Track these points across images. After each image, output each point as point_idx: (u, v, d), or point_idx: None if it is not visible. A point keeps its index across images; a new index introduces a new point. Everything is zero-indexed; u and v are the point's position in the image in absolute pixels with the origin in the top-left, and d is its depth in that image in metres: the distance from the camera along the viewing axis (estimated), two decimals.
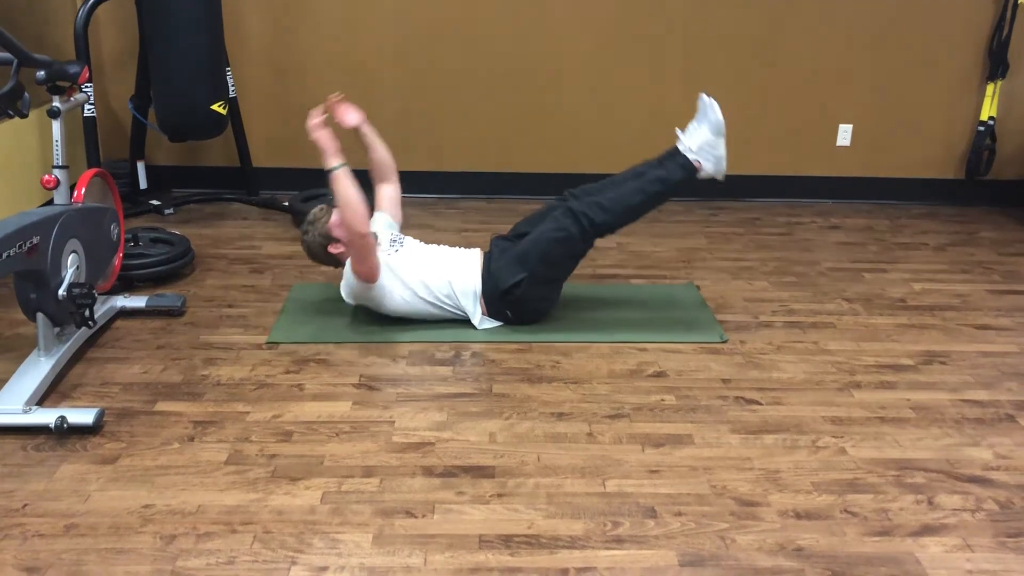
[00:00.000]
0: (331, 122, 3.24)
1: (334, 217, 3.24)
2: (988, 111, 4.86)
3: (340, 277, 3.32)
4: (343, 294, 3.28)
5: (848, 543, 2.17)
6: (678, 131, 3.25)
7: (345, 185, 3.04)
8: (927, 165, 5.04)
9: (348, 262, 3.19)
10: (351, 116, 3.39)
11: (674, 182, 3.21)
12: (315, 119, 3.16)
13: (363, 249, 3.08)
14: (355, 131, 3.43)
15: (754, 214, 4.84)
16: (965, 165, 5.00)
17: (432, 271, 3.24)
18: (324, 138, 3.12)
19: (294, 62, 4.78)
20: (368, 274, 3.13)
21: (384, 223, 3.45)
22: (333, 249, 3.26)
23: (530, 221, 3.39)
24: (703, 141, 3.17)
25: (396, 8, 4.69)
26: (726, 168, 3.22)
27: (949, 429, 2.70)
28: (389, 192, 3.55)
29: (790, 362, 3.11)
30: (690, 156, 3.19)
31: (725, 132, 3.17)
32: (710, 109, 3.17)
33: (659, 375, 2.99)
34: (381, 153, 3.50)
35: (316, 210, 3.34)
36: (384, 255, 3.23)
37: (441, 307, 3.26)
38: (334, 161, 3.08)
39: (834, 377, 3.01)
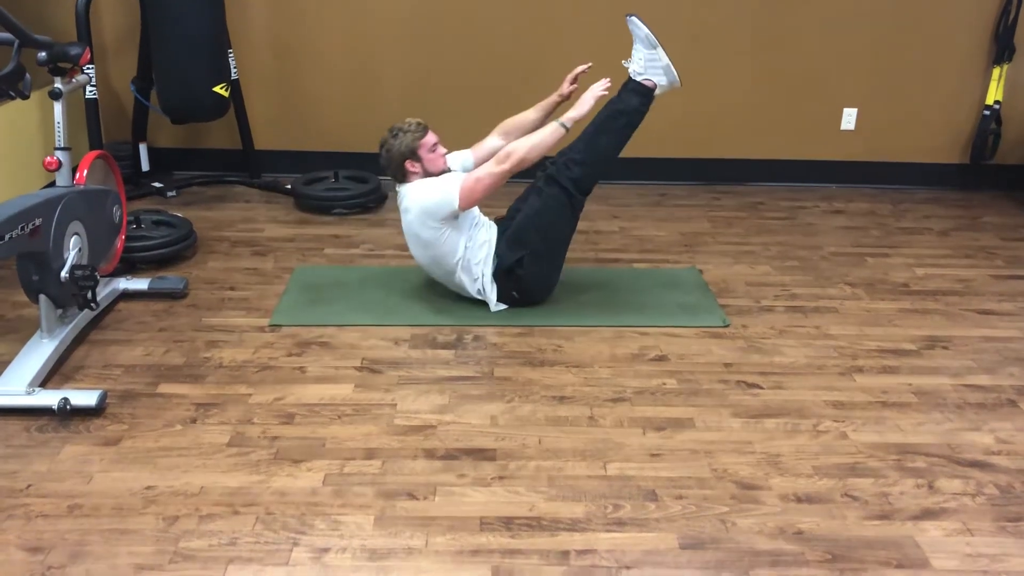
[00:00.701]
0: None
1: (428, 137, 3.23)
2: (994, 95, 4.83)
3: (342, 260, 3.30)
4: (404, 218, 3.23)
5: (848, 527, 2.18)
6: (623, 62, 3.33)
7: (555, 141, 3.15)
8: (932, 150, 5.02)
9: (426, 182, 3.19)
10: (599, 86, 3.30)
11: (633, 108, 3.28)
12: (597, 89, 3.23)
13: (502, 179, 3.12)
14: (561, 97, 3.48)
15: (757, 198, 4.82)
16: (970, 149, 4.97)
17: (481, 245, 3.24)
18: (590, 104, 3.22)
19: (296, 45, 4.76)
20: (479, 194, 3.12)
21: (460, 161, 3.42)
22: (410, 166, 3.24)
23: (521, 199, 3.39)
24: (643, 59, 3.24)
25: None
26: (678, 75, 3.28)
27: (950, 414, 2.70)
28: (495, 145, 3.42)
29: (792, 346, 3.11)
30: (638, 78, 3.26)
31: (657, 41, 3.23)
32: (635, 27, 3.25)
33: (661, 359, 3.00)
34: (537, 127, 3.42)
35: (412, 121, 3.28)
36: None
37: (473, 282, 3.25)
38: (570, 122, 3.17)
39: (836, 362, 3.01)
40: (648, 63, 3.23)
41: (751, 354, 3.05)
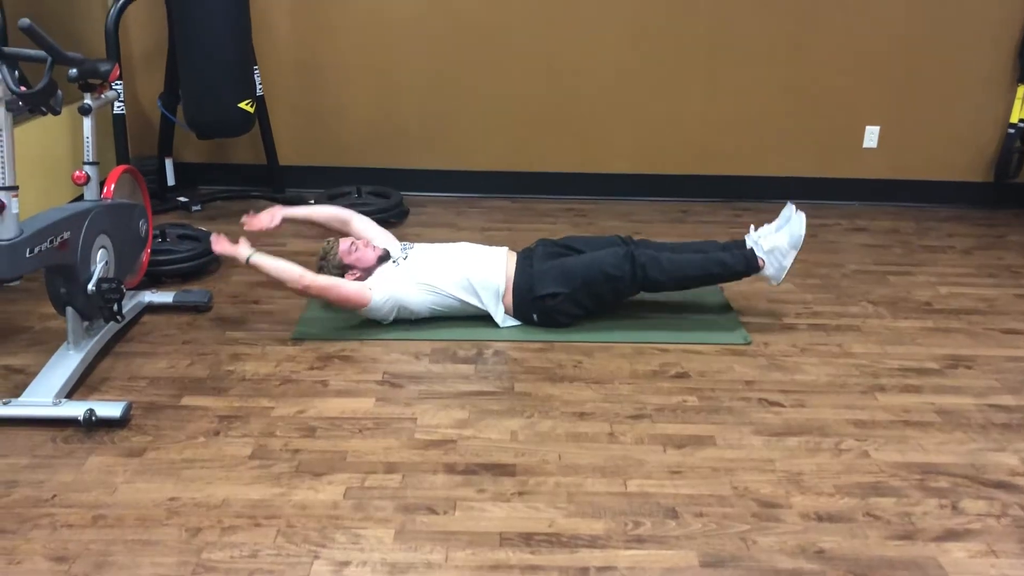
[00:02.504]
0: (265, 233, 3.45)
1: (342, 246, 3.32)
2: (1018, 113, 4.80)
3: None
4: (373, 316, 3.29)
5: (870, 546, 2.16)
6: (752, 227, 3.35)
7: (267, 267, 3.14)
8: (955, 168, 4.99)
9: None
10: (264, 219, 3.40)
11: (734, 270, 3.29)
12: (217, 245, 3.24)
13: (325, 295, 3.16)
14: (284, 224, 3.47)
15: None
16: (994, 168, 4.95)
17: (447, 269, 3.27)
18: (225, 247, 3.22)
19: (321, 61, 4.81)
20: (356, 301, 3.18)
21: (385, 240, 3.50)
22: (350, 277, 3.32)
23: (585, 241, 3.44)
24: (776, 246, 3.25)
25: (422, 8, 4.71)
26: (782, 279, 3.32)
27: (974, 434, 2.68)
28: (359, 229, 3.52)
29: (814, 364, 3.09)
30: (758, 252, 3.26)
31: (800, 247, 3.25)
32: (797, 222, 3.24)
33: (682, 376, 2.99)
34: (319, 214, 3.55)
35: (324, 245, 3.40)
36: (393, 266, 3.29)
37: (461, 304, 3.27)
38: (244, 254, 3.16)
39: (858, 380, 2.99)
40: (777, 252, 3.24)
41: (772, 372, 3.03)
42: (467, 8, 4.71)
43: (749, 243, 3.31)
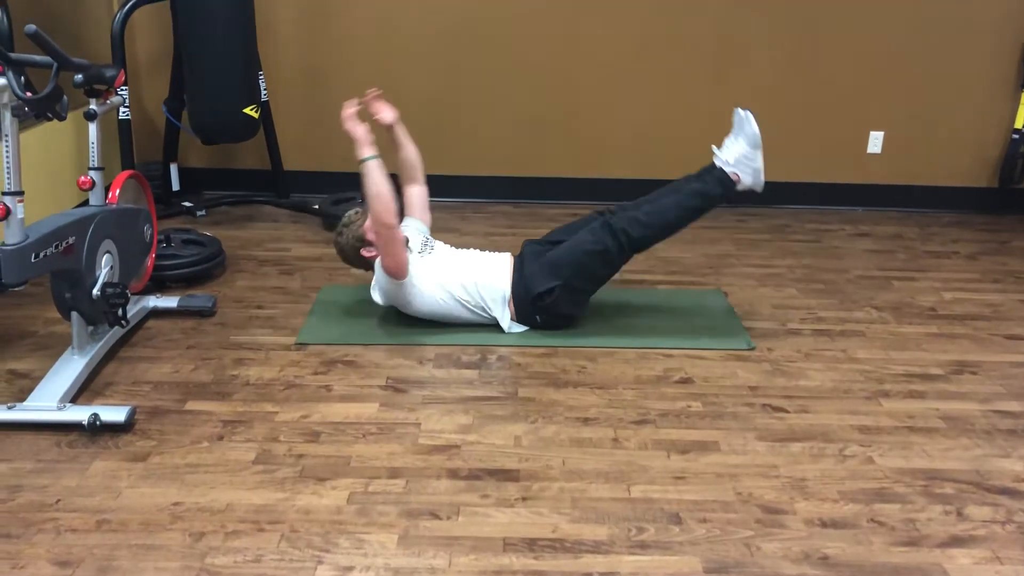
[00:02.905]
0: (365, 116, 3.25)
1: (368, 221, 3.27)
2: (1023, 118, 4.80)
3: (369, 280, 3.35)
4: (373, 295, 3.30)
5: (875, 552, 2.16)
6: (713, 147, 3.26)
7: (376, 176, 3.08)
8: (959, 173, 4.99)
9: (378, 261, 3.22)
10: (386, 113, 3.44)
11: (712, 195, 3.23)
12: (349, 110, 3.19)
13: (391, 242, 3.10)
14: (387, 129, 3.45)
15: (783, 221, 4.81)
16: (998, 173, 4.94)
17: (461, 274, 3.26)
18: (358, 128, 3.15)
19: (326, 67, 4.82)
20: (396, 269, 3.15)
21: (414, 227, 3.47)
22: (366, 252, 3.29)
23: (565, 230, 3.40)
24: (740, 154, 3.18)
25: (426, 13, 4.72)
26: (764, 180, 3.23)
27: (979, 440, 2.67)
28: (417, 194, 3.57)
29: (818, 370, 3.09)
30: (727, 169, 3.20)
31: (762, 144, 3.17)
32: (746, 122, 3.17)
33: (685, 381, 2.99)
34: (411, 153, 3.53)
35: (351, 212, 3.38)
36: (415, 258, 3.25)
37: (470, 310, 3.27)
38: (367, 152, 3.11)
39: (862, 386, 2.99)
40: (743, 159, 3.19)
41: (776, 377, 3.03)
42: (471, 14, 4.72)
43: (718, 164, 3.23)
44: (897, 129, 4.89)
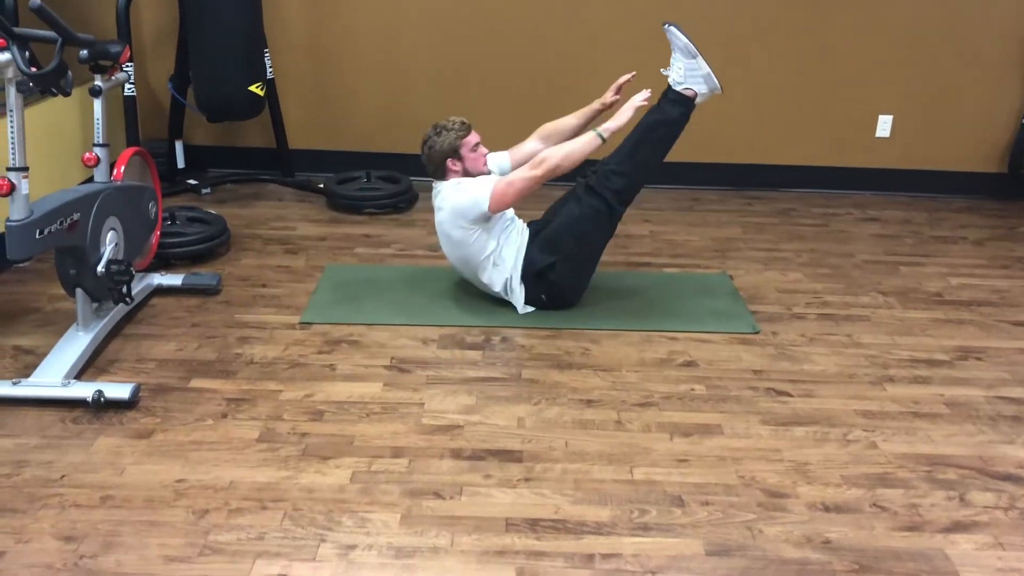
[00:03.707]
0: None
1: (471, 136, 3.25)
2: None
3: (372, 259, 3.33)
4: (438, 216, 3.24)
5: (877, 537, 2.16)
6: (662, 70, 3.30)
7: (590, 151, 3.16)
8: (968, 158, 4.96)
9: (466, 182, 3.19)
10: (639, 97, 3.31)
11: (673, 119, 3.25)
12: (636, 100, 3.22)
13: (534, 185, 3.14)
14: (603, 107, 3.44)
15: (790, 204, 4.79)
16: (1008, 159, 4.91)
17: (511, 246, 3.26)
18: (628, 115, 3.21)
19: (332, 45, 4.79)
20: (509, 199, 3.12)
21: (497, 163, 3.42)
22: (452, 164, 3.26)
23: (553, 208, 3.40)
24: (683, 68, 3.21)
25: None
26: (719, 83, 3.25)
27: (983, 426, 2.67)
28: (533, 149, 3.44)
29: (822, 354, 3.08)
30: (679, 88, 3.23)
31: (697, 50, 3.19)
32: (674, 36, 3.21)
33: (689, 364, 2.98)
34: (576, 134, 3.42)
35: (456, 120, 3.30)
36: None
37: (502, 282, 3.26)
38: (607, 132, 3.17)
39: (867, 371, 2.98)
40: (688, 72, 3.21)
41: (781, 361, 3.03)
42: None
43: (671, 86, 3.26)
44: (906, 113, 4.85)
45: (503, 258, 3.24)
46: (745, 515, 2.23)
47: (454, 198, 3.18)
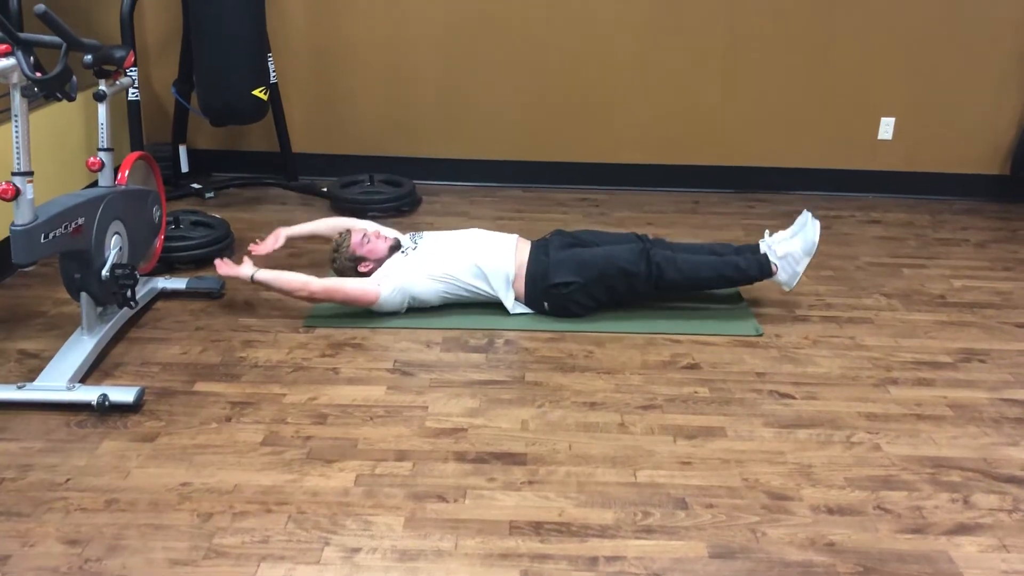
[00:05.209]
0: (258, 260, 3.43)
1: (354, 238, 3.35)
2: None
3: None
4: (385, 309, 3.29)
5: (881, 539, 2.16)
6: (767, 232, 3.38)
7: (276, 283, 3.19)
8: (970, 161, 4.96)
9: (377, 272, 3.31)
10: (271, 243, 3.47)
11: (747, 274, 3.30)
12: (222, 269, 3.25)
13: (335, 298, 3.19)
14: (285, 245, 3.55)
15: (792, 207, 4.78)
16: (1010, 161, 4.91)
17: (457, 256, 3.28)
18: (228, 271, 3.24)
19: (335, 49, 4.81)
20: (365, 301, 3.20)
21: (392, 232, 3.53)
22: (363, 268, 3.35)
23: (600, 235, 3.46)
24: (790, 252, 3.27)
25: None
26: (795, 285, 3.33)
27: (987, 428, 2.67)
28: (367, 228, 3.53)
29: (826, 357, 3.09)
30: (772, 258, 3.28)
31: (814, 254, 3.27)
32: (811, 228, 3.26)
33: (693, 367, 2.99)
34: (323, 226, 3.61)
35: (337, 236, 3.45)
36: (402, 256, 3.31)
37: (471, 291, 3.28)
38: (247, 273, 3.20)
39: (870, 373, 2.98)
40: (790, 258, 3.26)
41: (784, 364, 3.03)
42: None
43: (763, 248, 3.32)
44: (908, 116, 4.86)
45: (452, 274, 3.26)
46: (749, 517, 2.23)
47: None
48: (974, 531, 2.20)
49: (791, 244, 3.28)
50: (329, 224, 3.63)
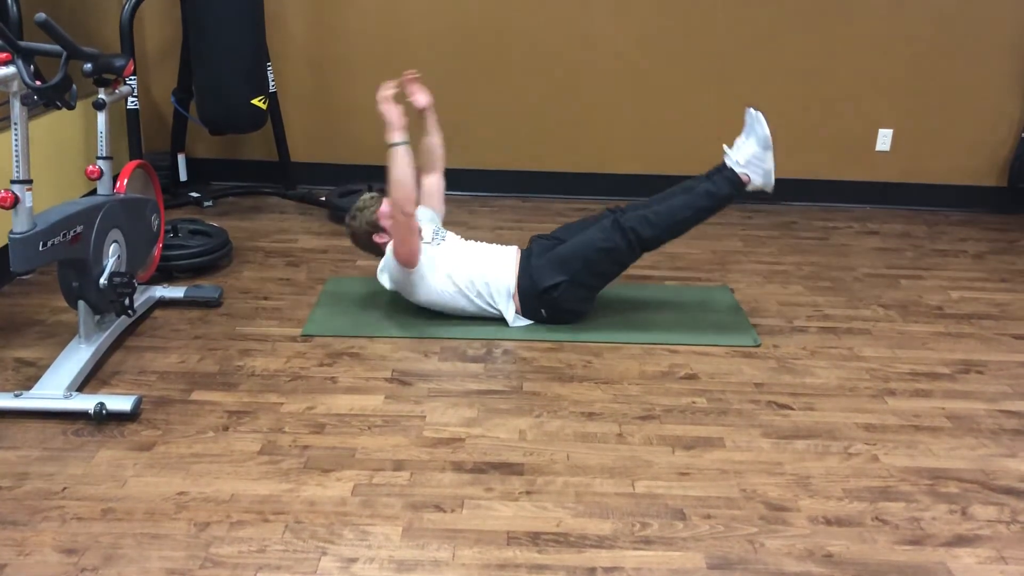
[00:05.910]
0: (400, 99, 3.22)
1: (383, 207, 3.28)
2: None
3: (374, 272, 3.35)
4: (380, 278, 3.30)
5: (879, 551, 2.16)
6: (725, 147, 3.26)
7: (402, 163, 3.07)
8: (968, 172, 4.97)
9: (390, 246, 3.22)
10: (421, 96, 3.43)
11: (722, 196, 3.23)
12: (386, 91, 3.17)
13: (406, 229, 3.09)
14: (419, 114, 3.46)
15: (790, 218, 4.80)
16: (1008, 172, 4.92)
17: (469, 267, 3.26)
18: (393, 110, 3.13)
19: (334, 58, 4.82)
20: (408, 257, 3.15)
21: (427, 217, 3.48)
22: (378, 238, 3.31)
23: (573, 227, 3.41)
24: (750, 155, 3.18)
25: (435, 5, 4.71)
26: (774, 181, 3.23)
27: (985, 439, 2.67)
28: (434, 184, 3.56)
29: (823, 368, 3.09)
30: (737, 169, 3.20)
31: (772, 146, 3.17)
32: (757, 123, 3.17)
33: (691, 377, 2.99)
34: (436, 142, 3.54)
35: (366, 197, 3.38)
36: (425, 247, 3.26)
37: (475, 303, 3.27)
38: (397, 136, 3.10)
39: (868, 384, 2.98)
40: (753, 160, 3.19)
41: (782, 374, 3.03)
42: (480, 7, 4.71)
43: (728, 163, 3.24)
44: (906, 127, 4.87)
45: (472, 280, 3.25)
46: (747, 528, 2.22)
47: (390, 261, 3.25)
48: (972, 542, 2.20)
49: (747, 146, 3.20)
50: (436, 144, 3.52)
